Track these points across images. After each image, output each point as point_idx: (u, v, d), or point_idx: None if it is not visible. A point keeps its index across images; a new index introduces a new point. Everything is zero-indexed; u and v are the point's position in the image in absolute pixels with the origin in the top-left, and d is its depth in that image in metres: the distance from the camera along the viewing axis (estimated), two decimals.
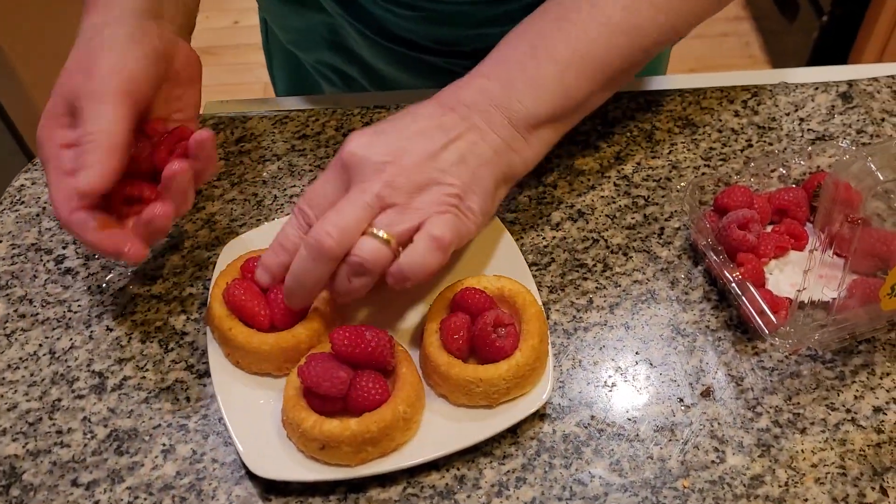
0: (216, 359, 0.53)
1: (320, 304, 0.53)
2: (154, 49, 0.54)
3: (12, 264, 0.61)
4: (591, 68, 0.54)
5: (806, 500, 0.47)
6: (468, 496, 0.48)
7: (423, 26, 0.69)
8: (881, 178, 0.42)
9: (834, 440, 0.50)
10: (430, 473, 0.49)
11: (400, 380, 0.49)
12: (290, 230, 0.51)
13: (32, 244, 0.63)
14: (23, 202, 0.65)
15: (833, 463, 0.49)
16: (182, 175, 0.51)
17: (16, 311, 0.59)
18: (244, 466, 0.50)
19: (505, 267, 0.56)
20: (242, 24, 2.59)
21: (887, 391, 0.52)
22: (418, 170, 0.49)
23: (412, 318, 0.55)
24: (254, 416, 0.50)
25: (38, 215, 0.64)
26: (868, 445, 0.49)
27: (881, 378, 0.52)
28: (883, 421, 0.50)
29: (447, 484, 0.49)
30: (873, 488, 0.48)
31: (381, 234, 0.48)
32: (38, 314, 0.58)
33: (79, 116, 0.51)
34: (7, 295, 0.59)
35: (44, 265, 0.61)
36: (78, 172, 0.50)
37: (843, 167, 0.43)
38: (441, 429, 0.50)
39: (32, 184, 0.67)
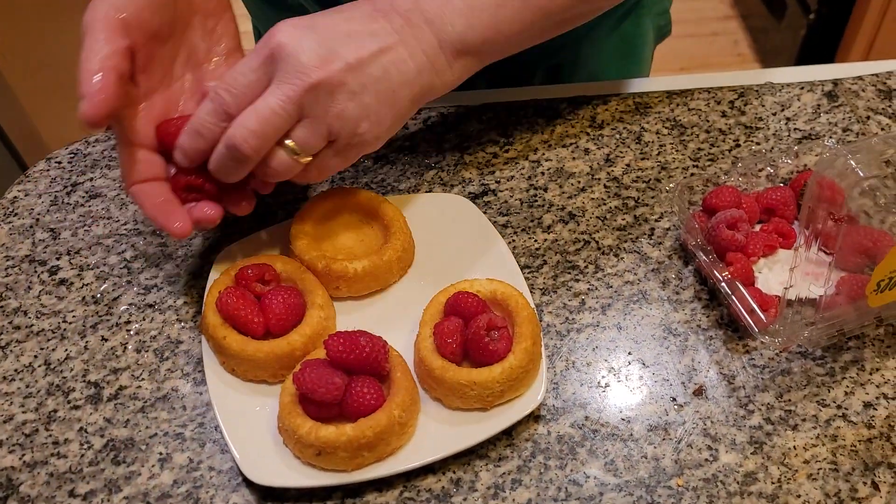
0: (211, 367, 0.53)
1: (315, 309, 0.53)
2: None
3: (6, 276, 0.61)
4: (528, 7, 0.53)
5: (799, 496, 0.48)
6: (464, 499, 0.49)
7: None
8: (862, 174, 0.43)
9: (825, 436, 0.50)
10: (427, 477, 0.50)
11: (395, 385, 0.50)
12: (206, 116, 0.50)
13: (26, 256, 0.63)
14: (16, 214, 0.66)
15: (825, 459, 0.49)
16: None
17: (10, 322, 0.59)
18: (241, 474, 0.50)
19: (497, 270, 0.56)
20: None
21: (877, 386, 0.52)
22: (340, 80, 0.48)
23: (406, 322, 0.55)
24: (250, 423, 0.51)
25: (31, 227, 0.65)
26: (859, 441, 0.50)
27: (871, 374, 0.53)
28: (873, 416, 0.51)
29: (443, 487, 0.49)
30: (865, 483, 0.48)
31: (295, 147, 0.49)
32: (32, 325, 0.58)
33: (179, 47, 0.53)
34: (2, 307, 0.60)
35: (38, 276, 0.61)
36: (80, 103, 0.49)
37: (826, 165, 0.44)
38: (436, 432, 0.50)
39: (25, 195, 0.67)
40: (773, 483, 0.48)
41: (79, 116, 0.48)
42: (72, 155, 0.70)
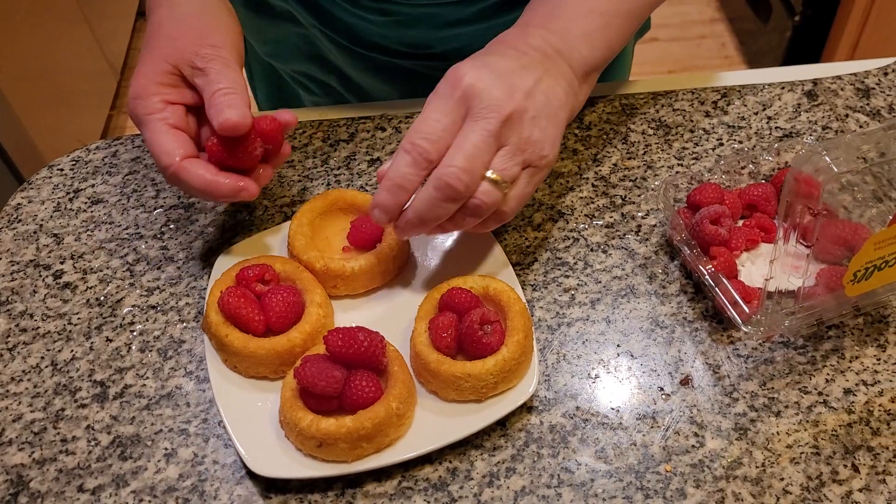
0: (214, 365, 0.55)
1: (314, 307, 0.55)
2: (235, 16, 0.60)
3: (12, 280, 0.63)
4: (627, 21, 0.59)
5: (782, 479, 0.50)
6: (461, 487, 0.50)
7: (394, 30, 0.71)
8: (837, 170, 0.45)
9: (807, 422, 0.52)
10: (424, 467, 0.52)
11: (392, 378, 0.51)
12: (405, 168, 0.51)
13: (31, 260, 0.64)
14: (20, 220, 0.67)
15: (807, 443, 0.51)
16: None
17: (17, 325, 0.60)
18: (244, 467, 0.52)
19: (490, 267, 0.58)
20: None
21: (856, 374, 0.54)
22: (524, 107, 0.52)
23: (401, 318, 0.57)
24: (252, 418, 0.52)
25: (35, 232, 0.66)
26: (840, 426, 0.52)
27: (850, 361, 0.55)
28: (853, 402, 0.53)
29: (440, 476, 0.51)
30: (845, 466, 0.50)
31: (498, 178, 0.52)
32: (38, 328, 0.60)
33: (201, 76, 0.55)
34: (8, 310, 0.61)
35: (42, 280, 0.63)
36: (221, 111, 0.53)
37: (803, 161, 0.46)
38: (433, 423, 0.52)
39: (29, 202, 0.69)
40: (757, 467, 0.50)
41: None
42: (73, 162, 0.72)
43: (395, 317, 0.57)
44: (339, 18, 0.71)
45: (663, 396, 0.54)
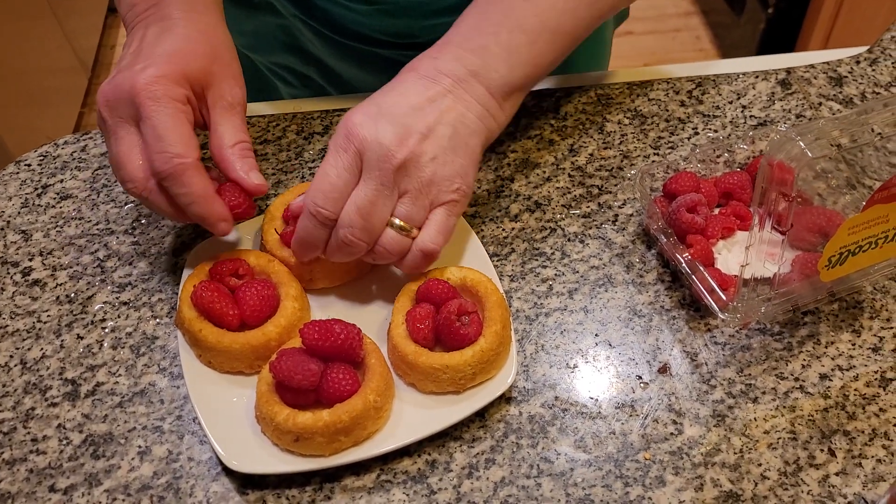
0: (188, 360, 0.54)
1: (289, 301, 0.54)
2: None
3: None
4: (558, 38, 0.57)
5: (760, 464, 0.50)
6: (440, 479, 0.50)
7: (379, 19, 0.70)
8: (811, 155, 0.45)
9: (784, 407, 0.52)
10: (403, 460, 0.51)
11: (369, 371, 0.51)
12: (312, 230, 0.52)
13: None
14: None
15: (784, 429, 0.51)
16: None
17: None
18: (220, 463, 0.51)
19: (467, 259, 0.58)
20: None
21: (832, 359, 0.54)
22: (420, 151, 0.52)
23: (378, 311, 0.56)
24: (228, 413, 0.52)
25: (2, 229, 0.65)
26: (816, 411, 0.52)
27: (826, 347, 0.55)
28: (829, 387, 0.53)
29: (419, 469, 0.51)
30: (822, 450, 0.50)
31: (402, 224, 0.52)
32: (7, 326, 0.59)
33: (210, 91, 0.55)
34: None
35: (10, 278, 0.62)
36: (247, 173, 0.55)
37: (776, 147, 0.46)
38: (411, 416, 0.51)
39: None
40: (735, 453, 0.50)
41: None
42: (41, 157, 0.70)
43: (372, 310, 0.57)
44: (322, 7, 0.71)
45: (641, 385, 0.54)
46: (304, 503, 0.49)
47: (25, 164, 0.70)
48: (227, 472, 0.51)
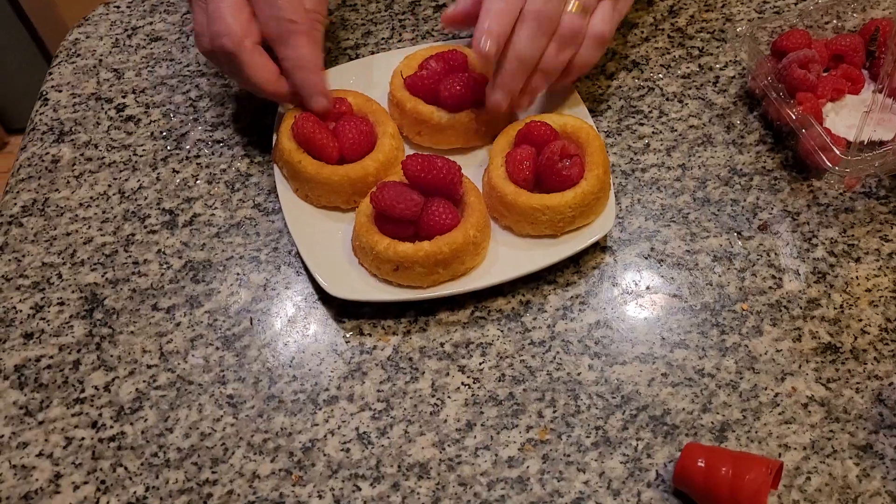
0: (285, 194, 0.54)
1: (386, 138, 0.54)
2: None
3: (74, 112, 0.62)
4: None
5: (860, 320, 0.49)
6: (534, 318, 0.50)
7: None
8: None
9: (887, 268, 0.51)
10: (497, 299, 0.51)
11: (468, 207, 0.51)
12: (501, 4, 0.51)
13: (92, 94, 0.63)
14: (78, 55, 0.66)
15: (887, 288, 0.50)
16: None
17: (82, 154, 0.60)
18: (318, 292, 0.52)
19: (565, 110, 0.57)
20: None
21: None
22: None
23: (476, 156, 0.56)
24: (325, 245, 0.52)
25: (94, 67, 0.65)
26: None
27: None
28: None
29: (513, 308, 0.51)
30: None
31: (578, 8, 0.52)
32: (104, 157, 0.60)
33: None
34: (72, 140, 0.61)
35: (105, 113, 0.62)
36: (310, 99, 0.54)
37: None
38: (507, 256, 0.51)
39: (87, 38, 0.67)
40: (835, 309, 0.50)
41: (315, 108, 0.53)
42: (131, 1, 0.70)
43: (469, 157, 0.56)
44: None
45: (741, 240, 0.53)
46: (400, 333, 0.50)
47: (115, 6, 0.69)
48: (324, 300, 0.52)
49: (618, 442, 0.45)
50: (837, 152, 0.51)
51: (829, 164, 0.51)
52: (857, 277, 0.51)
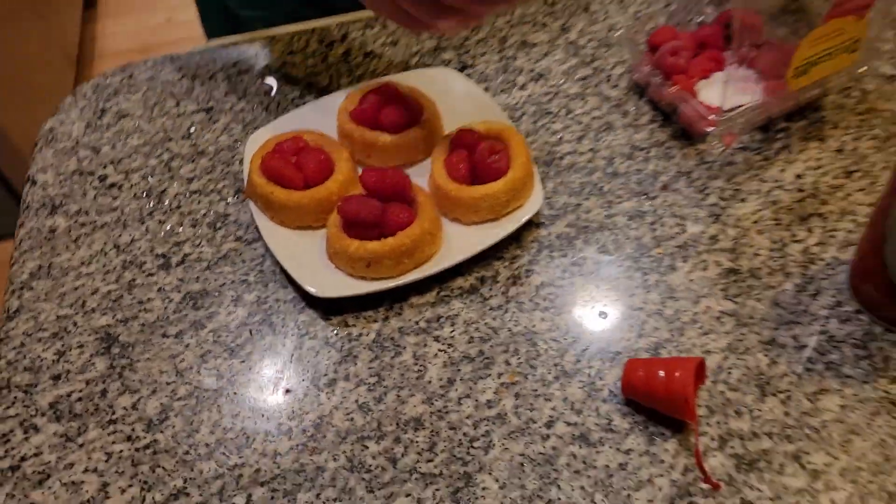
0: (262, 222, 0.63)
1: (342, 162, 0.63)
2: None
3: (62, 188, 0.70)
4: None
5: (752, 246, 0.60)
6: (490, 289, 0.60)
7: None
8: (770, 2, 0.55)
9: (768, 202, 0.62)
10: (456, 279, 0.61)
11: (420, 206, 0.60)
12: None
13: (75, 170, 0.72)
14: (56, 139, 0.74)
15: (768, 218, 0.61)
16: None
17: (76, 221, 0.68)
18: (303, 299, 0.60)
19: (487, 118, 0.67)
20: (175, 20, 2.64)
21: (803, 162, 0.65)
22: None
23: (421, 167, 0.66)
24: (304, 258, 0.61)
25: (73, 147, 0.73)
26: (794, 201, 0.62)
27: (798, 154, 0.65)
28: (803, 183, 0.63)
29: (471, 284, 0.60)
30: (801, 230, 0.60)
31: None
32: (95, 221, 0.68)
33: None
34: (65, 211, 0.69)
35: (90, 184, 0.70)
36: None
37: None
38: (459, 241, 0.61)
39: (61, 124, 0.76)
40: (731, 240, 0.60)
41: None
42: (94, 87, 0.79)
43: (415, 170, 0.66)
44: None
45: (648, 201, 0.64)
46: (379, 320, 0.59)
47: (82, 94, 0.78)
48: (311, 304, 0.60)
49: (574, 372, 0.55)
50: (712, 118, 0.63)
51: (707, 128, 0.63)
52: (744, 214, 0.62)
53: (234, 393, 0.56)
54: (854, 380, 0.52)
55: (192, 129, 0.73)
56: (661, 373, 0.51)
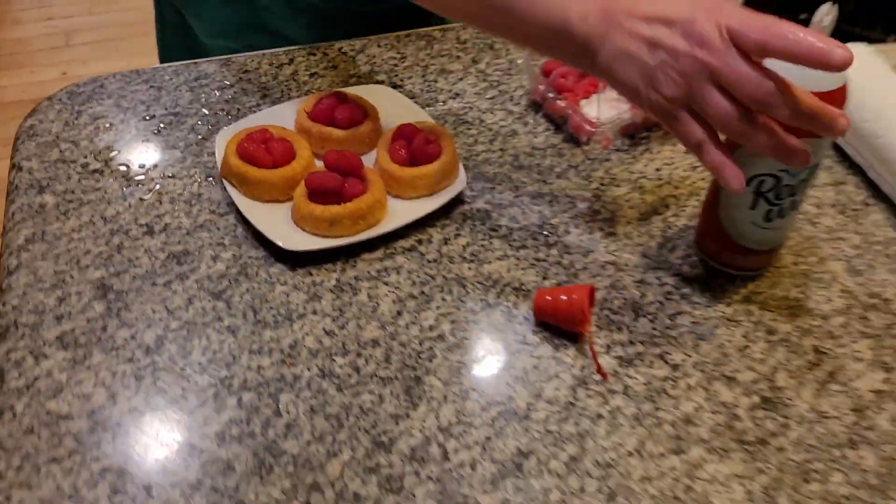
0: (236, 196, 0.76)
1: (303, 150, 0.78)
2: None
3: (46, 173, 0.81)
4: None
5: (624, 216, 0.78)
6: (426, 248, 0.75)
7: None
8: None
9: (636, 188, 0.81)
10: (398, 241, 0.75)
11: (370, 182, 0.75)
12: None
13: (57, 159, 0.82)
14: (38, 134, 0.85)
15: (637, 199, 0.80)
16: None
17: (63, 198, 0.78)
18: (273, 255, 0.73)
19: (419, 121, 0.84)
20: (70, 74, 2.70)
21: (661, 160, 0.85)
22: None
23: (370, 155, 0.81)
24: (273, 221, 0.74)
25: (54, 140, 0.84)
26: (655, 186, 0.82)
27: (656, 154, 0.85)
28: (661, 174, 0.83)
29: (412, 245, 0.75)
30: (661, 206, 0.80)
31: None
32: (82, 198, 0.78)
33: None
34: (52, 190, 0.79)
35: (73, 170, 0.81)
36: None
37: None
38: (402, 211, 0.76)
39: (40, 122, 0.86)
40: (609, 213, 0.79)
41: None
42: (68, 94, 0.90)
43: (366, 157, 0.81)
44: None
45: (546, 185, 0.81)
46: (338, 271, 0.73)
47: (57, 99, 0.89)
48: (279, 258, 0.73)
49: (496, 305, 0.70)
50: (591, 127, 0.82)
51: (589, 134, 0.82)
52: (619, 195, 0.81)
53: (220, 325, 0.68)
54: (700, 304, 0.71)
55: (163, 129, 0.86)
56: (563, 296, 0.67)
